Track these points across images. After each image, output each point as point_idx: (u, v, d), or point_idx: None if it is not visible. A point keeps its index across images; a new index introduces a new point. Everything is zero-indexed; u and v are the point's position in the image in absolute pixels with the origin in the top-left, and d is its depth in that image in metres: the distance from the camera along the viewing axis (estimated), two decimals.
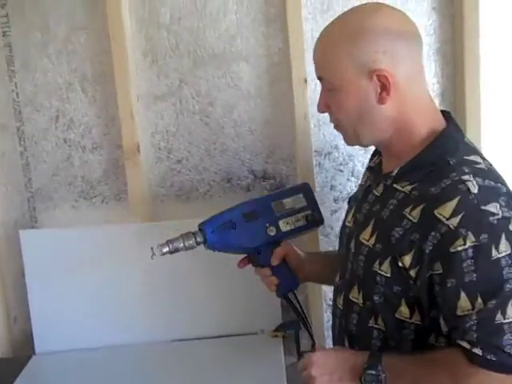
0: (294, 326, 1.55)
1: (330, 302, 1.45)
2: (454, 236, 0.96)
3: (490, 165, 1.08)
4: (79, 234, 1.58)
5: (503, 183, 1.04)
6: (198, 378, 1.43)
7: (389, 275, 1.05)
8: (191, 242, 1.33)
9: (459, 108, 1.56)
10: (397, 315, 1.07)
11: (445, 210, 0.98)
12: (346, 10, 1.13)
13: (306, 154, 1.59)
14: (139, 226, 1.58)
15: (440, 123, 1.10)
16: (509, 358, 0.95)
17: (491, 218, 0.96)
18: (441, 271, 0.99)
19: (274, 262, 1.34)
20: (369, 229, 1.10)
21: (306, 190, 1.40)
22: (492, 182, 1.01)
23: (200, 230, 1.34)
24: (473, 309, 0.96)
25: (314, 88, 1.56)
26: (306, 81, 1.55)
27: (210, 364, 1.49)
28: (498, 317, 0.95)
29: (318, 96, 1.54)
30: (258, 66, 1.59)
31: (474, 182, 0.99)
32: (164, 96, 1.59)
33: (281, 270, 1.36)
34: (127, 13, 1.53)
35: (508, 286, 0.95)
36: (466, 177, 1.00)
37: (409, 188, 1.06)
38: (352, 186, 1.63)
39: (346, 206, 1.61)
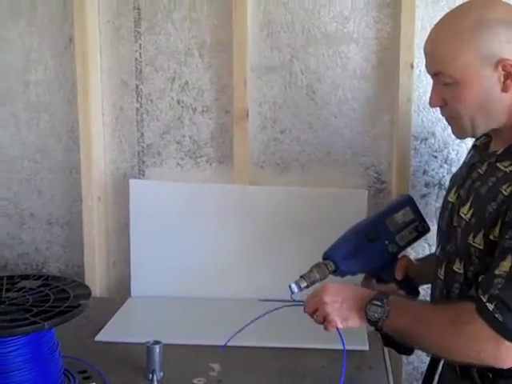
0: None
1: None
2: None
3: None
4: (185, 189, 1.68)
5: None
6: (284, 336, 1.50)
7: (482, 247, 1.09)
8: (325, 272, 1.36)
9: None
10: None
11: None
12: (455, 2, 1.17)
13: (404, 137, 1.64)
14: (241, 188, 1.66)
15: None
16: None
17: None
18: (509, 236, 1.04)
19: (399, 276, 1.39)
20: (468, 204, 1.15)
21: (411, 203, 1.43)
22: None
23: (327, 259, 1.37)
24: (510, 272, 1.01)
25: (419, 74, 1.62)
26: (412, 66, 1.60)
27: (294, 325, 1.51)
28: None
29: (422, 83, 1.63)
30: (366, 49, 1.65)
31: None
32: (275, 68, 1.67)
33: (405, 283, 1.41)
34: None
35: None
36: None
37: (511, 168, 1.10)
38: (444, 173, 1.67)
39: (436, 191, 1.69)
